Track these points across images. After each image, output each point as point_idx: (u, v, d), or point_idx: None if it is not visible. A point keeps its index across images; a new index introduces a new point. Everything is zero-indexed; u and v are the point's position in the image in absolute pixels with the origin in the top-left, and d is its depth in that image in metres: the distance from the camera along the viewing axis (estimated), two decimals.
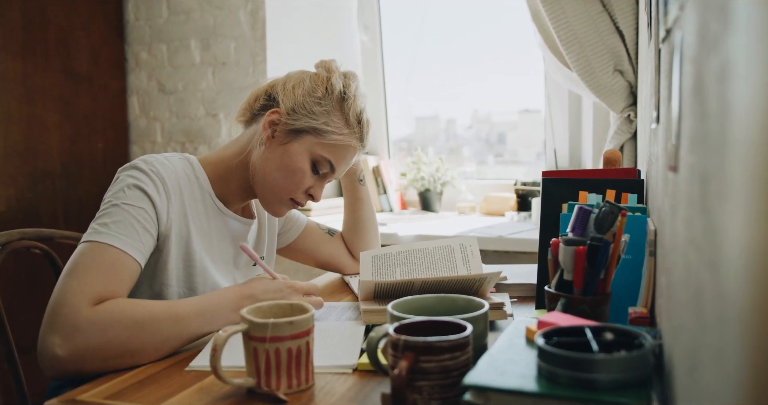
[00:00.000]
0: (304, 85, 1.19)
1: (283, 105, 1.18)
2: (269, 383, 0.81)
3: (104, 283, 0.96)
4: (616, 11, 1.85)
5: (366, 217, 1.48)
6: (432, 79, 3.00)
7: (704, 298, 0.44)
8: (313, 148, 1.18)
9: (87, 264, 0.97)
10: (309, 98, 1.17)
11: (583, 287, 0.89)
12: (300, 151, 1.17)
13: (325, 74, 1.21)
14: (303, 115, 1.17)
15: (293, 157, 1.17)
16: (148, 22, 2.69)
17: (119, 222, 1.02)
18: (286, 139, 1.18)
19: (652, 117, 0.99)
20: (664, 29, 0.76)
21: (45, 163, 2.38)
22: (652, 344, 0.66)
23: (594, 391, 0.62)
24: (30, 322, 2.23)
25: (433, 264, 1.23)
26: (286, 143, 1.17)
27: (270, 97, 1.22)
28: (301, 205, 1.23)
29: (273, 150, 1.18)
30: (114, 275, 0.98)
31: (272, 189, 1.19)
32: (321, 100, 1.18)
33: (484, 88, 2.91)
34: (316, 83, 1.19)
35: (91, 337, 0.91)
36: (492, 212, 2.48)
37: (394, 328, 0.76)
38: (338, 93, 1.19)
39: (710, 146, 0.43)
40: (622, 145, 1.91)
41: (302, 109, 1.17)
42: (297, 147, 1.17)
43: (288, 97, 1.18)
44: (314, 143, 1.17)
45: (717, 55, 0.40)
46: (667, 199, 0.77)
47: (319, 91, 1.18)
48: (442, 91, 3.01)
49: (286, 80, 1.22)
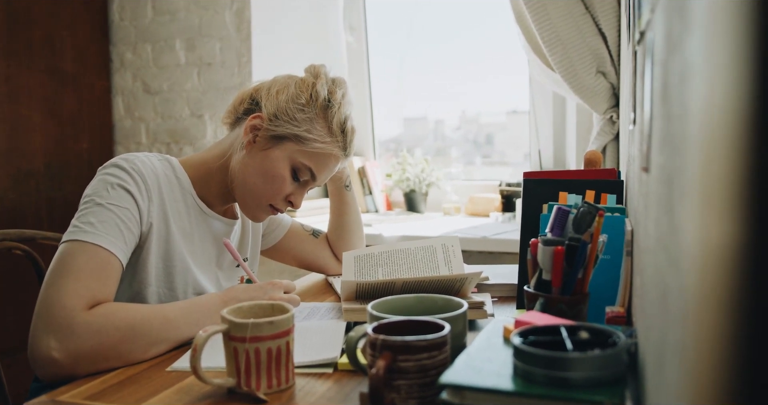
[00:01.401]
0: (289, 90, 1.18)
1: (265, 110, 1.17)
2: (249, 383, 0.81)
3: (98, 286, 0.96)
4: (598, 13, 1.86)
5: (351, 221, 1.48)
6: (421, 80, 3.00)
7: (669, 296, 0.45)
8: (294, 155, 1.17)
9: (79, 265, 0.97)
10: (292, 104, 1.16)
11: (561, 287, 0.90)
12: (280, 158, 1.16)
13: (312, 80, 1.20)
14: (285, 122, 1.16)
15: (273, 163, 1.16)
16: (133, 22, 2.68)
17: (105, 222, 1.01)
18: (267, 144, 1.17)
19: (629, 118, 1.01)
20: (639, 31, 0.77)
21: (29, 164, 2.37)
22: (626, 343, 0.67)
23: (568, 389, 0.63)
24: (11, 323, 2.22)
25: (415, 264, 1.24)
26: (266, 149, 1.17)
27: (254, 101, 1.22)
28: (280, 211, 1.23)
29: (253, 155, 1.17)
30: (105, 278, 0.98)
31: (251, 194, 1.18)
32: (304, 107, 1.17)
33: (472, 89, 2.92)
34: (300, 89, 1.18)
35: (86, 340, 0.91)
36: (477, 213, 2.49)
37: (373, 327, 0.77)
38: (322, 100, 1.18)
39: (674, 147, 0.43)
40: (604, 146, 1.93)
41: (284, 115, 1.16)
42: (278, 153, 1.16)
43: (271, 103, 1.17)
44: (295, 150, 1.16)
45: (679, 56, 0.41)
46: (641, 199, 0.78)
47: (303, 97, 1.17)
48: (431, 92, 3.02)
49: (272, 84, 1.21)
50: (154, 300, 1.12)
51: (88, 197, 1.05)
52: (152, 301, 1.12)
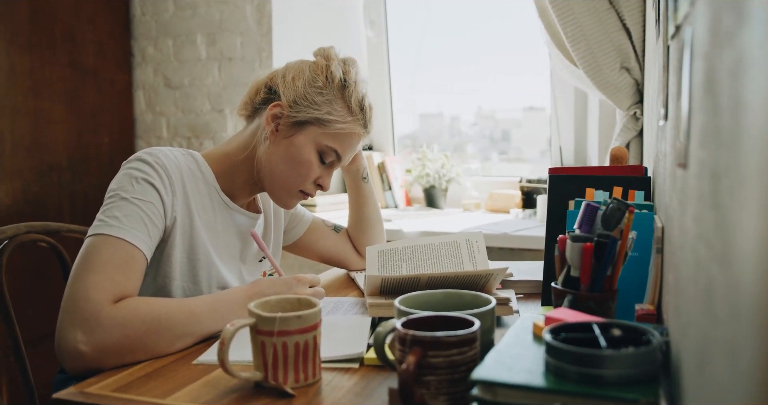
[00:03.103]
0: (304, 75, 1.18)
1: (284, 97, 1.17)
2: (276, 377, 0.81)
3: (123, 280, 0.97)
4: (623, 8, 1.84)
5: (371, 214, 1.48)
6: (437, 76, 2.99)
7: (715, 294, 0.44)
8: (318, 138, 1.17)
9: (104, 259, 0.97)
10: (310, 89, 1.17)
11: (589, 284, 0.89)
12: (305, 143, 1.17)
13: (324, 62, 1.21)
14: (305, 107, 1.16)
15: (299, 149, 1.17)
16: (155, 16, 2.69)
17: (130, 216, 1.02)
18: (290, 131, 1.17)
19: (660, 114, 0.99)
20: (674, 26, 0.75)
21: (51, 157, 2.39)
22: (659, 341, 0.66)
23: (602, 387, 0.62)
24: (36, 315, 2.24)
25: (439, 259, 1.23)
26: (290, 136, 1.17)
27: (270, 90, 1.21)
28: (311, 195, 1.23)
29: (278, 143, 1.18)
30: (130, 272, 0.98)
31: (281, 182, 1.19)
32: (322, 90, 1.17)
33: (488, 86, 2.91)
34: (315, 73, 1.19)
35: (112, 333, 0.91)
36: (497, 209, 2.48)
37: (402, 323, 0.76)
38: (339, 81, 1.19)
39: (722, 142, 0.43)
40: (628, 142, 1.91)
41: (304, 100, 1.16)
42: (302, 139, 1.17)
43: (289, 90, 1.18)
44: (318, 133, 1.17)
45: (730, 50, 0.40)
46: (675, 195, 0.77)
47: (319, 80, 1.18)
48: (447, 87, 3.01)
49: (286, 71, 1.21)
50: (178, 294, 1.12)
51: (113, 191, 1.05)
52: (177, 295, 1.12)
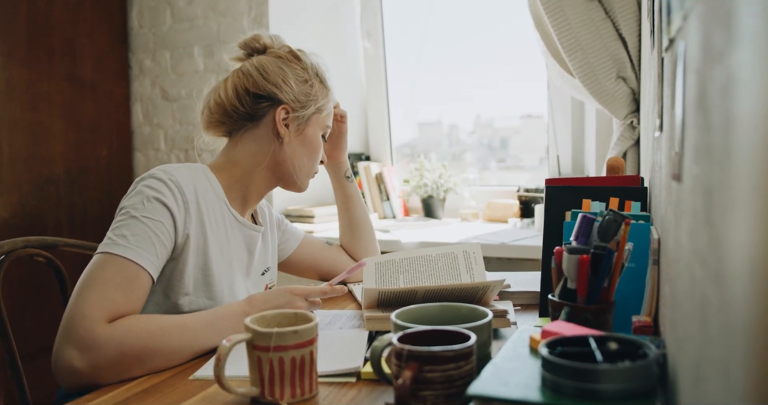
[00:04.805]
0: (288, 73, 1.21)
1: (285, 99, 1.20)
2: (273, 392, 0.81)
3: (122, 299, 0.97)
4: (618, 18, 1.85)
5: (359, 215, 1.50)
6: (435, 85, 3.00)
7: (709, 311, 0.44)
8: (320, 122, 1.26)
9: (106, 278, 0.97)
10: (303, 86, 1.23)
11: (586, 296, 0.89)
12: (315, 132, 1.26)
13: (288, 55, 1.24)
14: (307, 101, 1.23)
15: (312, 140, 1.25)
16: (152, 29, 2.70)
17: (138, 235, 1.01)
18: (300, 127, 1.23)
19: (655, 125, 1.00)
20: (668, 38, 0.76)
21: (49, 170, 2.39)
22: (656, 354, 0.66)
23: (599, 402, 0.62)
24: (33, 329, 2.24)
25: (437, 271, 1.23)
26: (302, 131, 1.23)
27: (258, 97, 1.21)
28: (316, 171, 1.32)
29: (290, 142, 1.23)
30: (131, 292, 0.98)
31: (303, 172, 1.26)
32: (308, 80, 1.23)
33: (486, 94, 2.91)
34: (292, 67, 1.22)
35: (107, 351, 0.91)
36: (495, 219, 2.48)
37: (398, 337, 0.76)
38: (311, 66, 1.25)
39: (714, 159, 0.43)
40: (624, 151, 1.91)
41: (304, 96, 1.22)
42: (311, 130, 1.25)
43: (285, 91, 1.20)
44: (320, 119, 1.26)
45: (721, 69, 0.40)
46: (670, 208, 0.77)
47: (301, 73, 1.23)
48: (445, 96, 3.02)
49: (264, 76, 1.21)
50: (194, 310, 1.11)
51: (125, 209, 1.05)
52: (192, 311, 1.11)
